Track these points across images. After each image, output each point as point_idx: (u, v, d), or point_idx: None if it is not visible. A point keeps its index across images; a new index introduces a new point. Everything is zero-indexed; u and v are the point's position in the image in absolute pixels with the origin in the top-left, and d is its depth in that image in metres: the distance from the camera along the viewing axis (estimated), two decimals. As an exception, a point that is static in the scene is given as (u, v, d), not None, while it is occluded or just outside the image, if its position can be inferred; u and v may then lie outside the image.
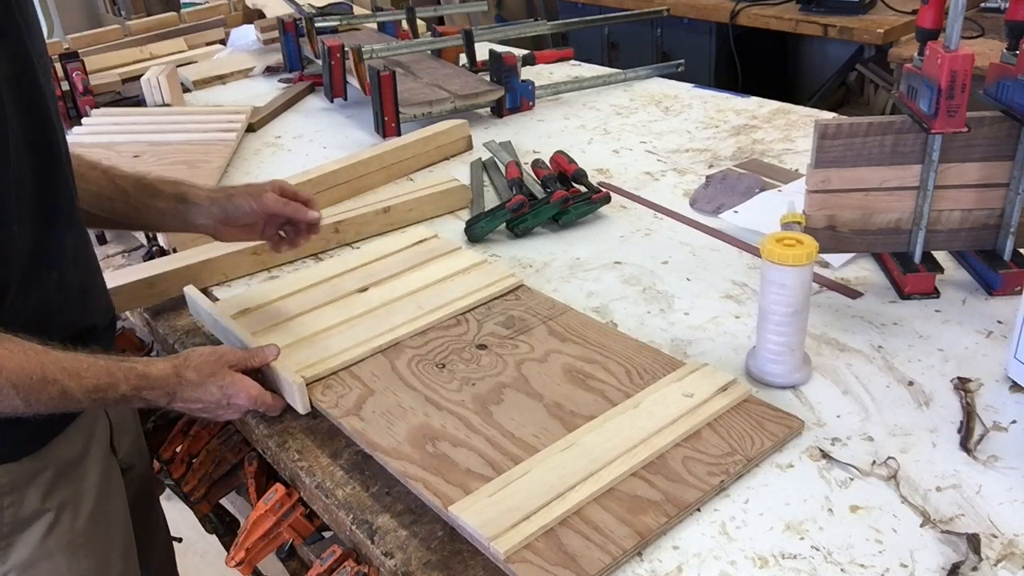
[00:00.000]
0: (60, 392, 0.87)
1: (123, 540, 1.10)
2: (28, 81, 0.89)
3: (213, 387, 1.00)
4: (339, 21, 2.44)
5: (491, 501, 0.85)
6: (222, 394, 1.00)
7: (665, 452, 0.91)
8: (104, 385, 0.91)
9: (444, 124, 1.82)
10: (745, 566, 0.81)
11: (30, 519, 0.97)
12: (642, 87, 2.20)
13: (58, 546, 1.00)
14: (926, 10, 1.14)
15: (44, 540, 0.98)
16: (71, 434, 1.01)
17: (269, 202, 1.16)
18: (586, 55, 2.56)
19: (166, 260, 1.36)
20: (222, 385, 1.00)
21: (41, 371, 0.86)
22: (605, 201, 1.50)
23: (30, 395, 0.85)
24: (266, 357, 1.06)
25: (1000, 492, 0.87)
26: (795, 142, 1.76)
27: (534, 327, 1.15)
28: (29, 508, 0.97)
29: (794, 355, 1.03)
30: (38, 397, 0.86)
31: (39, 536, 0.98)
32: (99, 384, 0.91)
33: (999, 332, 1.12)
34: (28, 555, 0.98)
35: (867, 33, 2.80)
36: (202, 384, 0.99)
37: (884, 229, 1.19)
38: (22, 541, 0.97)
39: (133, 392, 0.94)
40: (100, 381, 0.91)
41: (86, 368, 0.90)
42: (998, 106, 1.14)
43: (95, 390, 0.90)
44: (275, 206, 1.17)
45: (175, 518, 1.45)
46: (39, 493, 0.98)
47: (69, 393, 0.88)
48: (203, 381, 0.99)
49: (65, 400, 0.89)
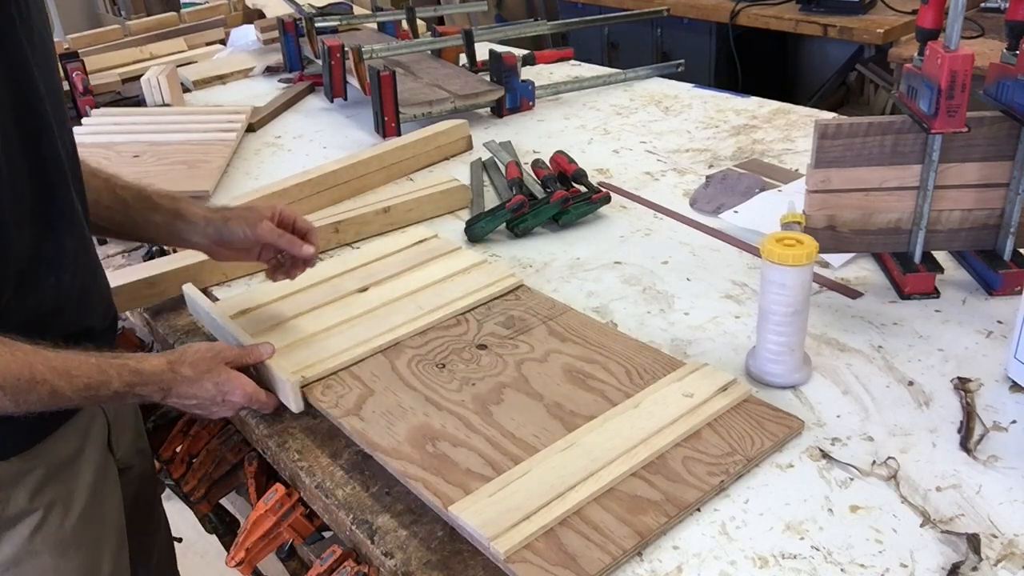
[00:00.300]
0: (50, 392, 0.87)
1: (115, 540, 1.10)
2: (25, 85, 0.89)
3: (209, 383, 1.00)
4: (339, 21, 2.44)
5: (491, 501, 0.85)
6: (217, 391, 1.00)
7: (665, 452, 0.91)
8: (96, 383, 0.91)
9: (444, 124, 1.82)
10: (745, 566, 0.81)
11: (16, 518, 0.97)
12: (642, 87, 2.20)
13: (45, 545, 0.99)
14: (926, 10, 1.14)
15: (31, 539, 0.98)
16: (65, 433, 1.01)
17: (263, 232, 1.13)
18: (586, 55, 2.56)
19: (166, 260, 1.36)
20: (218, 382, 1.00)
21: (30, 372, 0.86)
22: (605, 201, 1.50)
23: (18, 395, 0.85)
24: (261, 355, 1.06)
25: (1000, 492, 0.87)
26: (795, 142, 1.76)
27: (534, 327, 1.15)
28: (16, 507, 0.97)
29: (794, 355, 1.03)
30: (27, 397, 0.86)
31: (25, 535, 0.98)
32: (90, 382, 0.91)
33: (999, 332, 1.12)
34: (13, 553, 0.98)
35: (867, 33, 2.80)
36: (198, 380, 0.99)
37: (884, 229, 1.19)
38: (7, 539, 0.97)
39: (126, 388, 0.94)
40: (92, 379, 0.91)
41: (76, 367, 0.90)
42: (998, 106, 1.14)
43: (86, 388, 0.90)
44: (269, 236, 1.14)
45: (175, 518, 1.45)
46: (27, 492, 0.97)
47: (60, 392, 0.88)
48: (199, 377, 0.99)
49: (56, 399, 0.89)
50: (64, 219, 0.96)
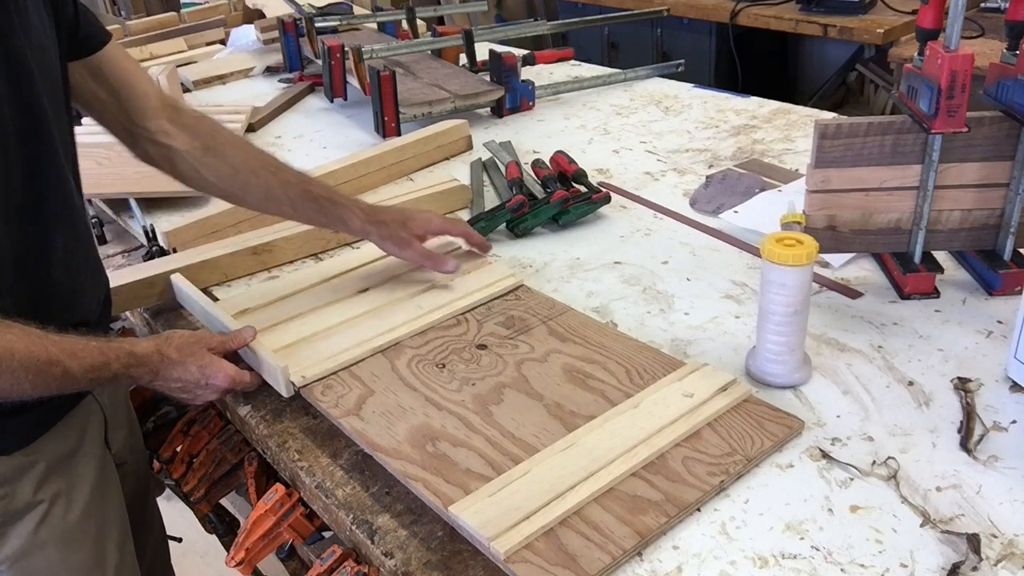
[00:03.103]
0: (63, 372, 0.89)
1: (119, 532, 1.10)
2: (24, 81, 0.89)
3: (192, 366, 1.02)
4: (339, 21, 2.44)
5: (491, 501, 0.85)
6: (201, 374, 1.02)
7: (665, 452, 0.91)
8: (99, 364, 0.93)
9: (444, 124, 1.82)
10: (745, 566, 0.81)
11: (22, 511, 0.98)
12: (642, 87, 2.20)
13: (51, 537, 1.00)
14: (926, 10, 1.14)
15: (36, 531, 0.99)
16: (63, 428, 1.02)
17: (408, 256, 1.25)
18: (586, 55, 2.56)
19: (166, 260, 1.36)
20: (201, 365, 1.02)
21: (46, 352, 0.88)
22: (605, 201, 1.50)
23: (38, 377, 0.87)
24: (244, 339, 1.08)
25: (1000, 492, 0.87)
26: (795, 142, 1.76)
27: (534, 327, 1.15)
28: (22, 500, 0.98)
29: (794, 355, 1.03)
30: (44, 379, 0.88)
31: (31, 527, 0.99)
32: (94, 363, 0.93)
33: (999, 332, 1.12)
34: (20, 546, 0.99)
35: (867, 33, 2.80)
36: (182, 363, 1.01)
37: (884, 229, 1.19)
38: (15, 532, 0.98)
39: (123, 370, 0.96)
40: (95, 360, 0.93)
41: (81, 348, 0.92)
42: (998, 106, 1.14)
43: (92, 369, 0.92)
44: (413, 260, 1.25)
45: (175, 518, 1.46)
46: (32, 485, 0.99)
47: (70, 373, 0.90)
48: (183, 360, 1.01)
49: (66, 381, 0.90)
50: (54, 216, 0.97)
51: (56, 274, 0.97)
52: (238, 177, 1.20)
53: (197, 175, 1.20)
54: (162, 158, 1.19)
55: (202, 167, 1.19)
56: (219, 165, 1.19)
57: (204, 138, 1.19)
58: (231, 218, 1.48)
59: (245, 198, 1.24)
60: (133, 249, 1.55)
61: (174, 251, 1.42)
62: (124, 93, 1.13)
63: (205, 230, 1.46)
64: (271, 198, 1.21)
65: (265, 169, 1.21)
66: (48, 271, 0.96)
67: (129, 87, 1.14)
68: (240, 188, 1.21)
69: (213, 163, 1.19)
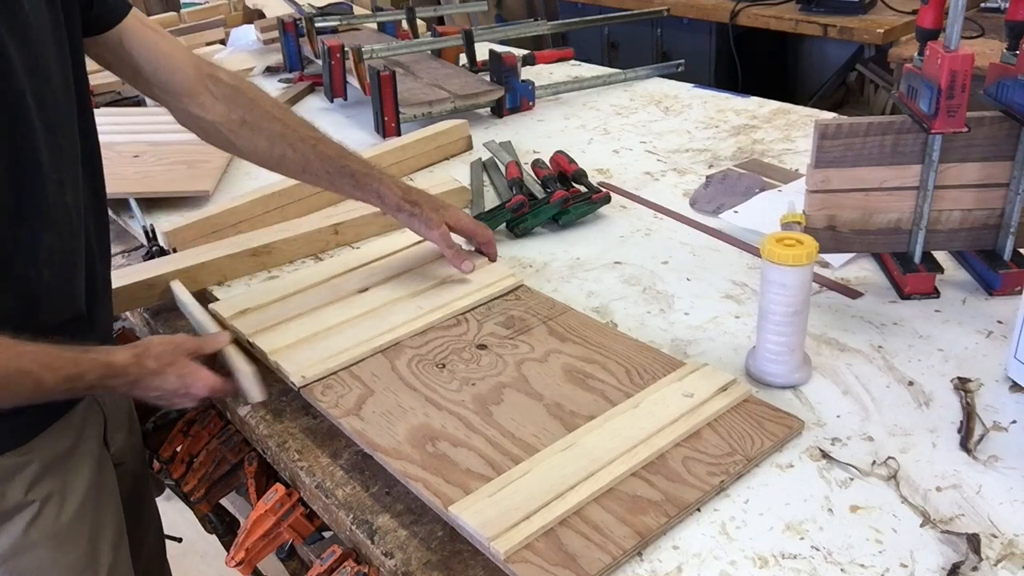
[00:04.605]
0: (34, 384, 0.88)
1: (114, 532, 1.10)
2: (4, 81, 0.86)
3: (172, 376, 1.00)
4: (339, 21, 2.44)
5: (491, 501, 0.85)
6: (180, 383, 1.01)
7: (665, 452, 0.91)
8: (73, 375, 0.92)
9: (444, 124, 1.82)
10: (745, 566, 0.81)
11: (11, 512, 0.98)
12: (642, 87, 2.20)
13: (41, 538, 1.00)
14: (926, 10, 1.14)
15: (27, 531, 0.99)
16: (60, 429, 1.02)
17: (434, 238, 1.26)
18: (586, 55, 2.56)
19: (166, 260, 1.36)
20: (182, 374, 1.01)
21: (17, 363, 0.87)
22: (605, 201, 1.50)
23: (6, 389, 0.86)
24: (217, 343, 1.08)
25: (1000, 492, 0.87)
26: (795, 142, 1.76)
27: (534, 327, 1.15)
28: (12, 501, 0.98)
29: (794, 355, 1.03)
30: (14, 390, 0.87)
31: (21, 527, 0.99)
32: (68, 375, 0.91)
33: (999, 332, 1.12)
34: (10, 545, 0.98)
35: (867, 33, 2.80)
36: (161, 373, 1.00)
37: (884, 229, 1.19)
38: (5, 532, 0.98)
39: (99, 381, 0.95)
40: (69, 372, 0.92)
41: (55, 359, 0.91)
42: (998, 106, 1.14)
43: (66, 380, 0.91)
44: (437, 243, 1.26)
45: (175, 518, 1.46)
46: (23, 486, 0.98)
47: (43, 385, 0.89)
48: (162, 370, 1.00)
49: (39, 392, 0.89)
50: (39, 214, 0.93)
51: (44, 275, 0.95)
52: (274, 151, 1.21)
53: (232, 147, 1.22)
54: (197, 128, 1.20)
55: (237, 140, 1.20)
56: (255, 138, 1.20)
57: (242, 110, 1.18)
58: (231, 218, 1.48)
59: (281, 169, 1.25)
60: (133, 249, 1.55)
61: (174, 251, 1.41)
62: (149, 68, 1.12)
63: (205, 230, 1.46)
64: (308, 171, 1.23)
65: (304, 143, 1.21)
66: (38, 271, 0.94)
67: (154, 62, 1.12)
68: (276, 162, 1.22)
69: (249, 136, 1.19)
